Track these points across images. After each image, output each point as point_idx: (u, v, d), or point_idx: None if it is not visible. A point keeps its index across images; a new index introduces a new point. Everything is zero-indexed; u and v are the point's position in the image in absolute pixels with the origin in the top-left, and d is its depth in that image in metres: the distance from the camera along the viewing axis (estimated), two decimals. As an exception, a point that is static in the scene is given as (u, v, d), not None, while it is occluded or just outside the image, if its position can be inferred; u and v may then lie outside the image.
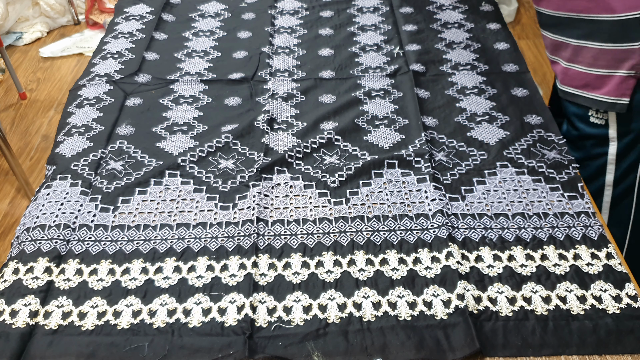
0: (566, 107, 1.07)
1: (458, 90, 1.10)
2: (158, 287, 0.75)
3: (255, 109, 1.06)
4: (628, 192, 1.03)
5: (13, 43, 1.49)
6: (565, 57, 1.04)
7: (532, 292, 0.74)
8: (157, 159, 0.95)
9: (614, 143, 1.01)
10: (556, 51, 1.06)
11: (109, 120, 1.03)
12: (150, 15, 1.35)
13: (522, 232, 0.81)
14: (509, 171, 0.91)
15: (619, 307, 0.72)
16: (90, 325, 0.71)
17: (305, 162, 0.94)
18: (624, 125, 1.00)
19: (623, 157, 1.02)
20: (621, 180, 1.03)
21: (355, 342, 0.68)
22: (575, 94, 1.03)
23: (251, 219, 0.83)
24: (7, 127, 1.18)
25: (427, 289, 0.74)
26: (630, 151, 1.01)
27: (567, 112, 1.07)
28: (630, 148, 1.00)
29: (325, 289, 0.75)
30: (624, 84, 0.96)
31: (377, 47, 1.23)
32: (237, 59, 1.20)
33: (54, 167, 0.93)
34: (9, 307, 0.72)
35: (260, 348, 0.68)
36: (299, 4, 1.40)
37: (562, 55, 1.05)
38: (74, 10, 1.70)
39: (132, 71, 1.15)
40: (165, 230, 0.83)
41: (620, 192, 1.04)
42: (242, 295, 0.74)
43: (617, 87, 0.97)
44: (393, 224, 0.83)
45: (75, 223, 0.83)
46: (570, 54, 1.02)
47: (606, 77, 0.98)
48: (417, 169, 0.92)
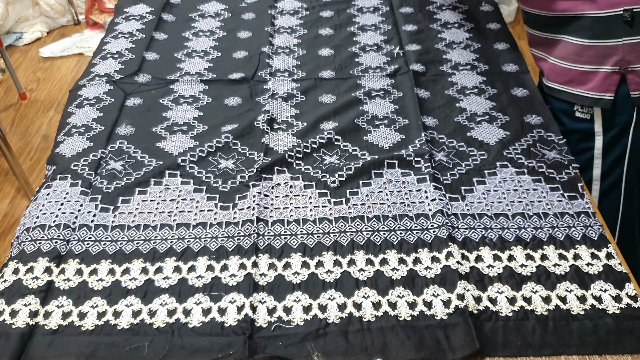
0: (551, 103, 1.09)
1: (458, 90, 1.10)
2: (158, 287, 0.75)
3: (255, 109, 1.06)
4: (615, 186, 1.04)
5: (13, 43, 1.49)
6: (550, 53, 1.06)
7: (532, 292, 0.74)
8: (157, 159, 0.95)
9: (599, 137, 1.03)
10: (541, 47, 1.09)
11: (109, 120, 1.03)
12: (150, 15, 1.35)
13: (522, 232, 0.81)
14: (509, 171, 0.91)
15: (619, 307, 0.72)
16: (90, 325, 0.71)
17: (305, 162, 0.94)
18: (609, 119, 1.01)
19: (608, 150, 1.03)
20: (608, 174, 1.05)
21: (355, 342, 0.68)
22: (560, 90, 1.05)
23: (251, 219, 0.83)
24: (7, 127, 1.18)
25: (427, 289, 0.74)
26: (616, 145, 1.02)
27: (553, 107, 1.08)
28: (615, 142, 1.02)
29: (325, 289, 0.75)
30: (608, 79, 0.98)
31: (377, 47, 1.23)
32: (237, 59, 1.20)
33: (54, 167, 0.93)
34: (9, 307, 0.72)
35: (260, 348, 0.68)
36: (299, 4, 1.40)
37: (547, 51, 1.07)
38: (74, 10, 1.70)
39: (132, 71, 1.15)
40: (165, 230, 0.83)
41: (607, 186, 1.06)
42: (242, 295, 0.74)
43: (601, 83, 0.98)
44: (393, 224, 0.83)
45: (75, 223, 0.83)
46: (554, 50, 1.04)
47: (590, 73, 1.00)
48: (417, 169, 0.92)
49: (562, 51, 1.03)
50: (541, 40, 1.07)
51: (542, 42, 1.07)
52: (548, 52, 1.06)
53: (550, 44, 1.05)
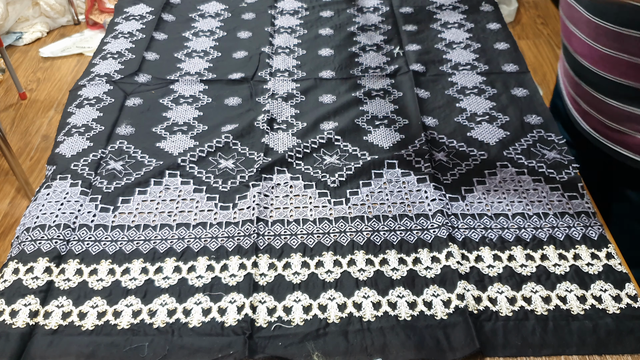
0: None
1: (458, 90, 1.10)
2: (158, 287, 0.75)
3: (255, 109, 1.06)
4: None
5: (13, 43, 1.49)
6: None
7: (532, 292, 0.74)
8: (157, 159, 0.95)
9: None
10: (624, 122, 0.84)
11: (109, 120, 1.03)
12: (150, 15, 1.35)
13: (522, 232, 0.81)
14: (509, 171, 0.91)
15: (619, 307, 0.72)
16: (90, 325, 0.71)
17: (305, 162, 0.94)
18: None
19: None
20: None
21: (355, 342, 0.68)
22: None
23: (251, 219, 0.83)
24: (7, 127, 1.18)
25: (427, 289, 0.74)
26: None
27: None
28: None
29: (325, 289, 0.75)
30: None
31: (377, 47, 1.23)
32: (237, 59, 1.20)
33: (53, 167, 0.93)
34: (9, 307, 0.72)
35: (260, 348, 0.68)
36: (299, 4, 1.40)
37: (634, 127, 0.80)
38: (74, 10, 1.70)
39: (132, 71, 1.15)
40: (165, 230, 0.83)
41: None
42: (242, 295, 0.74)
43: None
44: (393, 224, 0.83)
45: (75, 223, 0.83)
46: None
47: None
48: (417, 169, 0.92)
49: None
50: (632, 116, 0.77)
51: (632, 118, 0.77)
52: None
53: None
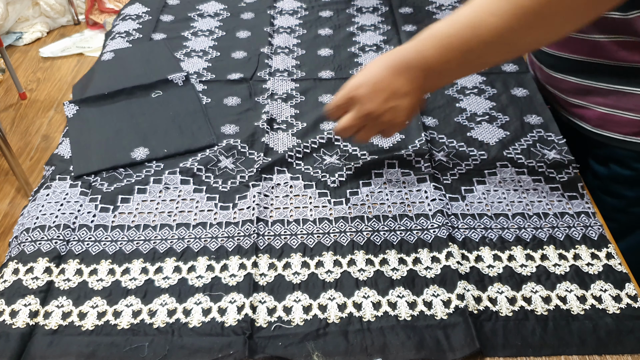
0: (612, 150, 0.93)
1: (458, 90, 1.10)
2: (158, 287, 0.75)
3: (254, 109, 1.06)
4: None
5: (13, 43, 1.48)
6: (601, 102, 0.91)
7: (532, 292, 0.74)
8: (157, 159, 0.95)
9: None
10: (584, 96, 0.94)
11: (109, 120, 1.03)
12: (148, 15, 1.35)
13: (522, 232, 0.81)
14: (509, 171, 0.91)
15: (619, 307, 0.72)
16: (90, 325, 0.71)
17: (305, 162, 0.94)
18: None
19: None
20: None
21: (355, 342, 0.68)
22: (627, 141, 0.90)
23: (251, 219, 0.83)
24: (7, 127, 1.17)
25: (427, 289, 0.74)
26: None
27: (615, 154, 0.93)
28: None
29: (325, 289, 0.74)
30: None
31: (376, 48, 1.23)
32: (236, 59, 1.20)
33: (52, 168, 0.93)
34: (9, 307, 0.72)
35: (260, 348, 0.68)
36: (298, 4, 1.40)
37: (594, 100, 0.92)
38: (74, 10, 1.69)
39: (131, 71, 1.15)
40: (165, 230, 0.83)
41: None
42: (242, 295, 0.73)
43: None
44: (393, 224, 0.83)
45: (75, 223, 0.83)
46: (607, 100, 0.90)
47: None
48: (417, 169, 0.91)
49: (619, 100, 0.88)
50: (582, 88, 0.92)
51: (584, 91, 0.92)
52: (596, 101, 0.92)
53: (599, 93, 0.90)
